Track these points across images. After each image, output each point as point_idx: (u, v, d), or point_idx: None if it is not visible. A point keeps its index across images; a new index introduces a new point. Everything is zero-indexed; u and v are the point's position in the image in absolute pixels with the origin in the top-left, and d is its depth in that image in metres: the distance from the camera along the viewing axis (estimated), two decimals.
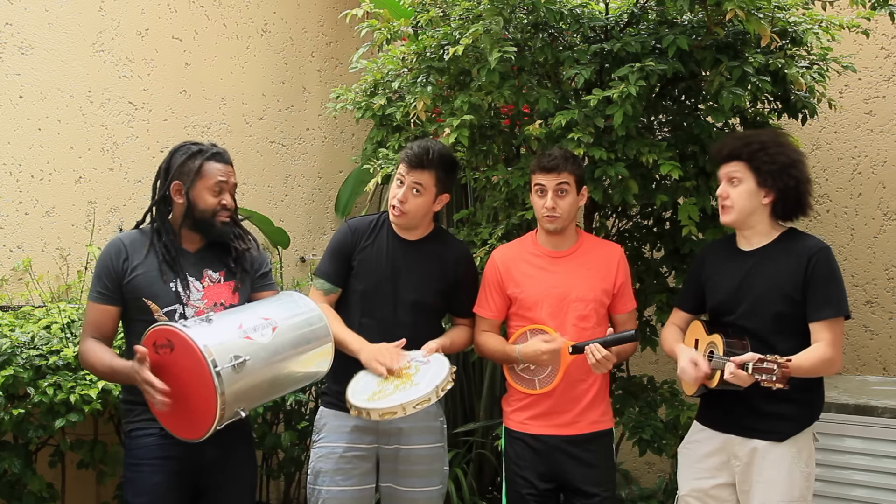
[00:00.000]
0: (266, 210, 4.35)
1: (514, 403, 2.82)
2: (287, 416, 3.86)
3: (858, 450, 3.12)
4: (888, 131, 3.92)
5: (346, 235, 2.83)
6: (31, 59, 3.65)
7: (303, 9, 4.76)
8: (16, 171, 3.62)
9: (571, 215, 2.75)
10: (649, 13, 3.13)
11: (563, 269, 2.78)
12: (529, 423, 2.77)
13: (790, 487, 2.47)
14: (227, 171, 2.57)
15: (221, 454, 2.52)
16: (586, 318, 2.74)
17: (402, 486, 2.81)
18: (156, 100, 4.07)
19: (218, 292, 2.56)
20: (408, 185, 2.73)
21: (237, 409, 2.29)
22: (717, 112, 2.94)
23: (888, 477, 3.05)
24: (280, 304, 2.55)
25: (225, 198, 2.55)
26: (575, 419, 2.74)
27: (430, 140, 2.88)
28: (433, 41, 3.16)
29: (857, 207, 3.99)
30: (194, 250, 2.58)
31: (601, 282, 2.77)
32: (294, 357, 2.47)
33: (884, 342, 3.90)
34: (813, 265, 2.47)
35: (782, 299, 2.49)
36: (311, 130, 4.79)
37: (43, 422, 2.99)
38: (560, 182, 2.70)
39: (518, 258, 2.82)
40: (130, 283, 2.49)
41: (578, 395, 2.74)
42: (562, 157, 2.71)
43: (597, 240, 2.93)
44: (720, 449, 2.58)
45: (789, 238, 2.57)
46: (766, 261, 2.54)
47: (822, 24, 3.01)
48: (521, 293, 2.77)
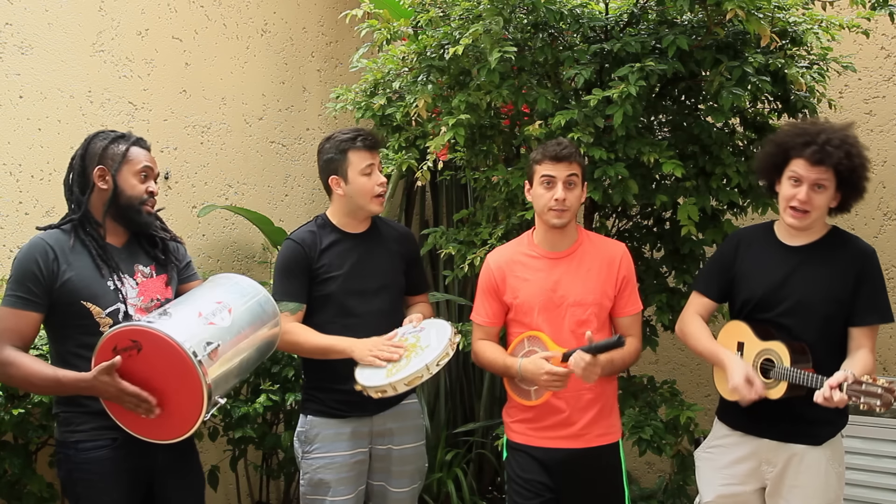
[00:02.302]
0: (266, 210, 4.35)
1: (516, 414, 2.71)
2: (287, 416, 3.86)
3: (858, 450, 3.12)
4: (888, 131, 3.92)
5: (297, 250, 2.78)
6: (31, 59, 3.65)
7: (303, 9, 4.76)
8: (16, 171, 3.62)
9: (576, 209, 2.64)
10: (649, 13, 3.13)
11: (560, 270, 2.64)
12: (533, 436, 2.66)
13: (827, 490, 2.44)
14: (152, 158, 2.46)
15: (173, 458, 2.43)
16: (585, 324, 2.59)
17: (394, 487, 2.84)
18: (156, 100, 4.07)
19: (152, 287, 2.46)
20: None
21: (216, 398, 2.25)
22: (717, 112, 2.94)
23: (888, 477, 3.06)
24: (222, 287, 2.49)
25: (151, 185, 2.44)
26: (581, 431, 2.62)
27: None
28: (433, 41, 3.16)
29: (857, 207, 3.92)
30: (121, 244, 2.44)
31: (601, 283, 2.63)
32: (253, 336, 2.43)
33: (884, 342, 3.90)
34: (864, 269, 2.41)
35: (830, 301, 2.40)
36: (311, 130, 4.79)
37: (43, 422, 2.98)
38: (571, 173, 2.56)
39: (513, 261, 2.69)
40: (64, 287, 2.30)
41: (585, 405, 2.62)
42: (573, 147, 2.60)
43: (598, 238, 2.77)
44: (752, 454, 2.50)
45: (836, 237, 2.48)
46: (814, 259, 2.44)
47: (822, 24, 3.02)
48: (517, 299, 2.65)
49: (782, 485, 2.45)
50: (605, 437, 2.65)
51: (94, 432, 2.34)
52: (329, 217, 2.87)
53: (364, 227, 2.87)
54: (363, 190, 2.77)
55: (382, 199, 2.82)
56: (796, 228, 2.45)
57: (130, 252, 2.45)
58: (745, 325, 2.51)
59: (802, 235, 2.49)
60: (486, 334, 2.75)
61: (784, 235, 2.53)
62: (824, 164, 2.35)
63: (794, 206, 2.40)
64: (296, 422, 3.80)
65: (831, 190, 2.40)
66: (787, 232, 2.52)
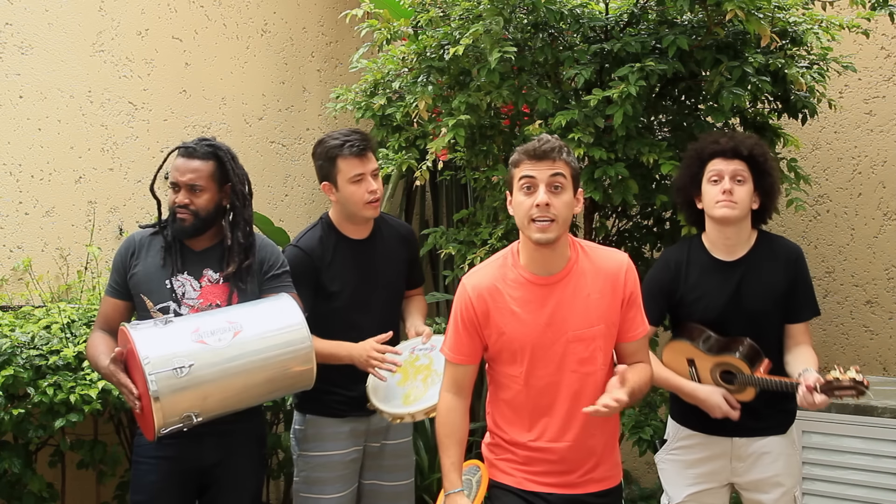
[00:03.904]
0: (266, 210, 4.35)
1: (502, 453, 2.24)
2: (287, 416, 3.85)
3: (858, 450, 3.12)
4: (888, 131, 3.92)
5: (306, 261, 2.74)
6: (31, 59, 3.65)
7: (303, 9, 4.76)
8: (16, 171, 3.62)
9: (567, 221, 2.13)
10: (649, 13, 3.13)
11: (554, 300, 2.15)
12: (525, 480, 2.20)
13: (794, 472, 2.59)
14: (185, 168, 2.49)
15: (223, 457, 2.50)
16: (588, 362, 2.14)
17: (388, 482, 2.86)
18: (156, 100, 4.07)
19: (215, 293, 2.53)
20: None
21: (189, 414, 2.27)
22: (717, 112, 2.94)
23: (888, 477, 3.05)
24: (259, 307, 2.48)
25: (179, 196, 2.49)
26: (583, 478, 2.20)
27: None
28: (433, 41, 3.16)
29: (857, 207, 3.98)
30: (199, 249, 2.57)
31: (605, 309, 2.16)
32: (258, 363, 2.38)
33: (884, 342, 3.90)
34: (796, 268, 2.52)
35: (776, 306, 2.50)
36: (311, 130, 4.79)
37: (43, 422, 2.98)
38: (555, 173, 2.08)
39: (496, 291, 2.17)
40: (132, 279, 2.53)
41: (589, 449, 2.20)
42: (558, 143, 2.12)
43: (596, 249, 2.25)
44: (720, 454, 2.56)
45: (765, 241, 2.56)
46: (753, 270, 2.51)
47: (822, 24, 3.01)
48: (503, 336, 2.16)
49: (755, 476, 2.54)
50: (607, 481, 2.25)
51: None
52: (332, 219, 2.85)
53: (366, 231, 2.84)
54: (353, 198, 2.72)
55: (376, 205, 2.75)
56: (728, 220, 2.46)
57: (204, 257, 2.55)
58: (688, 344, 2.53)
59: (740, 246, 2.52)
60: (458, 380, 2.24)
61: (719, 251, 2.53)
62: (738, 157, 2.47)
63: (721, 200, 2.46)
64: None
65: (750, 184, 2.48)
66: (721, 246, 2.53)
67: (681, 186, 2.61)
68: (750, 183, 2.49)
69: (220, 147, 2.56)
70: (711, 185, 2.48)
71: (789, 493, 2.54)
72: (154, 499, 2.47)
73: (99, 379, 2.93)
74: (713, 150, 2.50)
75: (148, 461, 2.48)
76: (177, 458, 2.46)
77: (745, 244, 2.53)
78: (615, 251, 2.30)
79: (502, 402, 2.23)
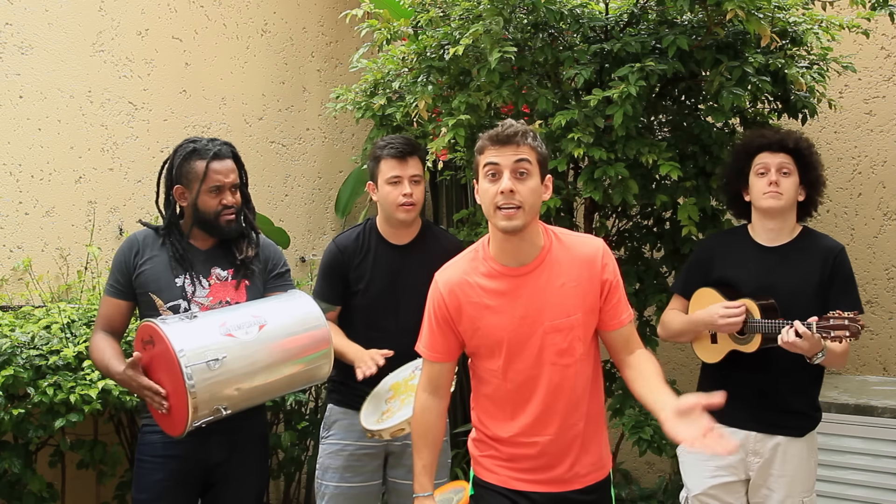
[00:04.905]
0: (266, 210, 4.35)
1: (486, 449, 2.21)
2: (287, 416, 3.86)
3: (858, 450, 3.12)
4: (888, 131, 3.92)
5: (336, 256, 2.84)
6: (31, 59, 3.65)
7: (303, 9, 4.76)
8: (16, 171, 3.62)
9: (535, 208, 2.07)
10: (649, 13, 3.13)
11: (528, 290, 2.09)
12: (510, 479, 2.16)
13: (808, 479, 2.59)
14: (225, 170, 2.53)
15: (229, 456, 2.52)
16: (567, 353, 2.09)
17: (409, 480, 2.84)
18: (156, 100, 4.07)
19: (224, 290, 2.56)
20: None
21: (218, 407, 2.27)
22: (717, 112, 2.94)
23: (888, 477, 3.05)
24: (278, 302, 2.53)
25: (225, 197, 2.53)
26: (568, 473, 2.14)
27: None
28: (433, 41, 3.16)
29: (857, 207, 3.99)
30: (205, 248, 2.59)
31: (582, 296, 2.10)
32: (283, 356, 2.42)
33: (884, 342, 3.90)
34: (835, 263, 2.57)
35: (808, 295, 2.54)
36: (311, 130, 4.79)
37: (43, 422, 2.99)
38: (520, 158, 2.02)
39: (467, 286, 2.12)
40: (139, 278, 2.52)
41: (571, 441, 2.14)
42: (523, 127, 2.07)
43: (570, 236, 2.18)
44: (738, 446, 2.57)
45: (808, 237, 2.63)
46: (791, 258, 2.59)
47: (822, 24, 3.01)
48: (478, 331, 2.12)
49: (768, 474, 2.57)
50: (594, 475, 2.18)
51: (150, 418, 2.47)
52: (376, 221, 2.89)
53: (407, 237, 2.85)
54: (388, 199, 2.77)
55: (409, 209, 2.76)
56: (774, 211, 2.58)
57: (211, 256, 2.57)
58: (714, 291, 2.64)
59: (778, 236, 2.62)
60: (434, 378, 2.21)
61: (761, 237, 2.65)
62: (784, 150, 2.59)
63: (767, 192, 2.58)
64: (296, 422, 3.82)
65: (795, 177, 2.59)
66: (763, 233, 2.64)
67: (729, 180, 2.73)
68: (795, 175, 2.59)
69: (233, 146, 2.62)
70: (758, 177, 2.60)
71: (797, 499, 2.55)
72: (160, 497, 2.47)
73: (99, 379, 2.93)
74: (760, 144, 2.63)
75: (154, 460, 2.49)
76: (184, 457, 2.47)
77: (787, 235, 2.63)
78: (590, 237, 2.24)
79: (483, 397, 2.20)
